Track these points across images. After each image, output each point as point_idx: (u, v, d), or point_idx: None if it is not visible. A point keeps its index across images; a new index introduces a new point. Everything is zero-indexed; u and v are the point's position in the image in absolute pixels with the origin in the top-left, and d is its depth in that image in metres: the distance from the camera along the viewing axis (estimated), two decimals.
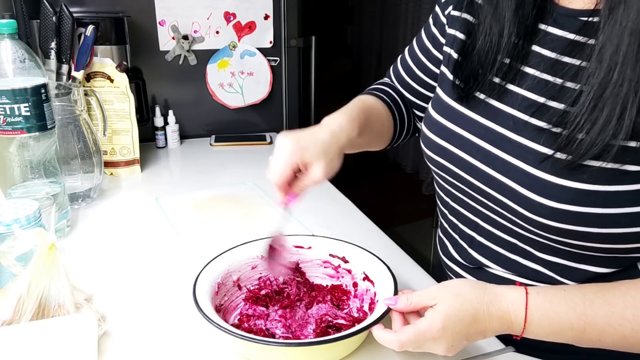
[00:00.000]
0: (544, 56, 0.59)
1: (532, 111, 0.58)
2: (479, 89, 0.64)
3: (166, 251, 0.88)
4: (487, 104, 0.63)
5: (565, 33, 0.58)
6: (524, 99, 0.60)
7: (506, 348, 0.65)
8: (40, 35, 1.09)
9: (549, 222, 0.57)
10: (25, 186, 0.88)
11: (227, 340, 0.64)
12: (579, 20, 0.57)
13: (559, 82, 0.57)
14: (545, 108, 0.57)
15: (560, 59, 0.57)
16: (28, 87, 0.83)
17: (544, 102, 0.58)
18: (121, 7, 1.35)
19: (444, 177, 0.71)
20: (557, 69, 0.57)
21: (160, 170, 1.30)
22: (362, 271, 0.71)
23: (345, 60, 3.22)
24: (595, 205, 0.54)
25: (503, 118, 0.61)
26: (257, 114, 1.59)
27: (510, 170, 0.59)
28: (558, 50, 0.58)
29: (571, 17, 0.58)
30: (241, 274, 0.72)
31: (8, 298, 0.60)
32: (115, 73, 1.18)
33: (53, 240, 0.61)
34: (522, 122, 0.59)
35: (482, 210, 0.67)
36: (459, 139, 0.65)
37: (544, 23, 0.60)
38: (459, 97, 0.66)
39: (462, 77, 0.65)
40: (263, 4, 1.47)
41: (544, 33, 0.60)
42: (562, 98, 0.56)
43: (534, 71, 0.60)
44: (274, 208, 1.03)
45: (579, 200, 0.54)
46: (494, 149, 0.61)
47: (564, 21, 0.59)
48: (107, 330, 0.66)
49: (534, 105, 0.59)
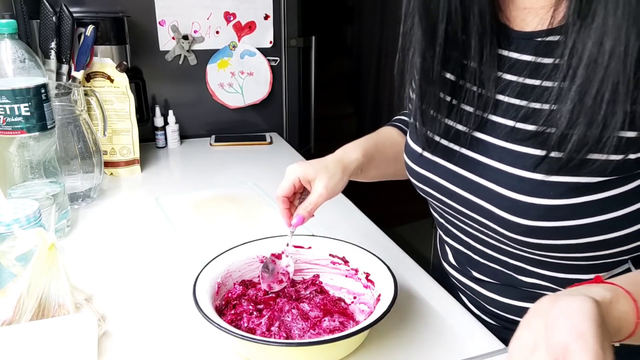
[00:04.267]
0: (512, 81, 0.58)
1: (507, 136, 0.58)
2: (448, 139, 0.64)
3: (166, 251, 0.88)
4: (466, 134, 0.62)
5: (525, 56, 0.57)
6: (499, 125, 0.59)
7: (506, 348, 0.65)
8: (40, 35, 1.09)
9: (528, 239, 0.58)
10: (25, 186, 0.88)
11: (227, 340, 0.64)
12: (535, 42, 0.56)
13: (524, 104, 0.56)
14: (516, 131, 0.57)
15: (524, 81, 0.57)
16: (28, 87, 0.83)
17: (513, 125, 0.57)
18: (121, 7, 1.35)
19: (430, 202, 0.72)
20: (527, 92, 0.56)
21: (160, 170, 1.30)
22: (363, 271, 0.71)
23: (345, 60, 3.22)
24: (565, 218, 0.55)
25: (482, 146, 0.61)
26: (257, 114, 1.59)
27: (485, 193, 0.60)
28: (522, 73, 0.57)
29: (527, 39, 0.57)
30: (241, 274, 0.72)
31: (8, 298, 0.60)
32: (115, 73, 1.18)
33: (53, 240, 0.61)
34: (500, 148, 0.59)
35: (471, 231, 0.68)
36: (435, 166, 0.66)
37: (505, 49, 0.59)
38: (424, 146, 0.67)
39: (423, 143, 0.66)
40: (263, 4, 1.47)
41: (507, 59, 0.59)
42: (535, 115, 0.55)
43: (505, 97, 0.59)
44: (274, 208, 1.03)
45: (549, 216, 0.55)
46: (468, 174, 0.62)
47: (521, 45, 0.58)
48: (107, 330, 0.66)
49: (506, 128, 0.58)
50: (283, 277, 0.72)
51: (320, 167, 0.71)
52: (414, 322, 0.69)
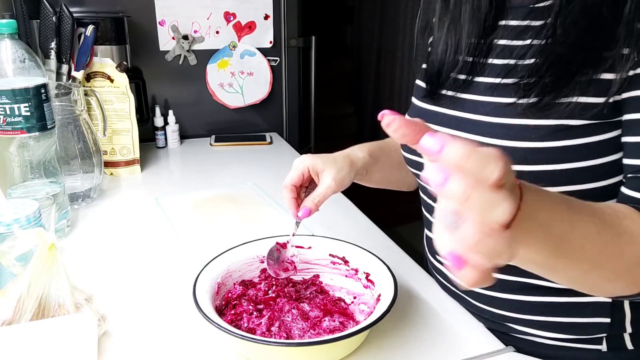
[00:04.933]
0: (504, 45, 0.65)
1: (493, 92, 0.64)
2: (445, 87, 0.70)
3: (166, 251, 0.88)
4: (453, 97, 0.69)
5: (520, 22, 0.64)
6: (487, 85, 0.65)
7: (506, 348, 0.65)
8: (40, 35, 1.09)
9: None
10: (25, 186, 0.88)
11: (227, 340, 0.64)
12: (529, 8, 0.63)
13: (512, 62, 0.63)
14: (501, 86, 0.63)
15: (513, 43, 0.64)
16: (28, 87, 0.83)
17: (500, 81, 0.63)
18: (121, 7, 1.35)
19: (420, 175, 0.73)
20: (511, 52, 0.64)
21: (160, 170, 1.30)
22: (363, 271, 0.71)
23: (345, 60, 3.22)
24: (546, 162, 0.57)
25: (469, 105, 0.67)
26: (257, 114, 1.59)
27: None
28: (512, 37, 0.64)
29: (524, 7, 0.64)
30: (241, 274, 0.72)
31: (8, 298, 0.60)
32: (115, 73, 1.18)
33: (53, 240, 0.61)
34: (486, 103, 0.64)
35: None
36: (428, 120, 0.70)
37: (503, 19, 0.66)
38: (425, 96, 0.73)
39: (427, 79, 0.73)
40: (263, 4, 1.47)
41: (503, 27, 0.66)
42: (516, 74, 0.62)
43: (496, 60, 0.66)
44: (274, 208, 1.04)
45: (531, 159, 0.58)
46: (461, 133, 0.66)
47: (518, 13, 0.65)
48: (107, 330, 0.66)
49: (494, 86, 0.64)
50: (289, 266, 0.72)
51: (329, 160, 0.72)
52: (413, 322, 0.69)
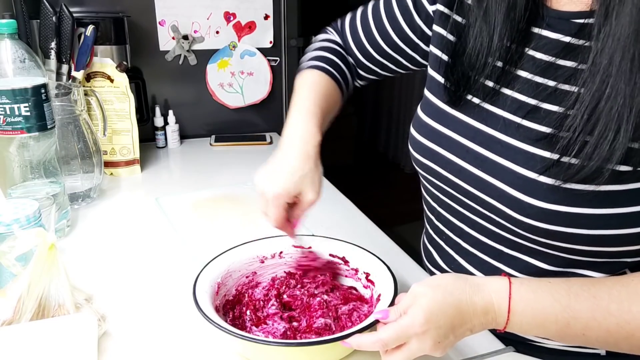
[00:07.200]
0: (538, 59, 0.59)
1: (523, 113, 0.58)
2: (471, 92, 0.63)
3: (166, 251, 0.88)
4: (479, 107, 0.63)
5: (560, 36, 0.57)
6: (514, 101, 0.59)
7: (506, 348, 0.65)
8: (40, 35, 1.08)
9: (538, 224, 0.56)
10: (25, 186, 0.88)
11: (227, 340, 0.64)
12: (572, 23, 0.56)
13: (552, 85, 0.56)
14: (537, 110, 0.57)
15: (555, 61, 0.57)
16: (28, 87, 0.83)
17: (535, 104, 0.57)
18: (121, 7, 1.35)
19: (431, 181, 0.71)
20: (551, 72, 0.57)
21: (160, 170, 1.30)
22: (363, 271, 0.71)
23: None
24: (584, 205, 0.53)
25: (494, 120, 0.61)
26: (257, 114, 1.59)
27: (500, 172, 0.59)
28: (552, 53, 0.57)
29: (564, 19, 0.57)
30: (241, 274, 0.72)
31: (8, 298, 0.60)
32: (115, 73, 1.18)
33: (53, 240, 0.61)
34: (514, 125, 0.59)
35: (469, 215, 0.67)
36: (448, 141, 0.65)
37: (537, 27, 0.59)
38: (450, 100, 0.66)
39: (453, 80, 0.65)
40: (263, 4, 1.47)
41: (538, 37, 0.59)
42: (555, 100, 0.56)
43: (527, 74, 0.59)
44: None
45: (569, 200, 0.54)
46: (484, 151, 0.61)
47: (557, 24, 0.58)
48: (107, 330, 0.66)
49: (524, 107, 0.58)
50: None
51: (298, 178, 0.67)
52: None
